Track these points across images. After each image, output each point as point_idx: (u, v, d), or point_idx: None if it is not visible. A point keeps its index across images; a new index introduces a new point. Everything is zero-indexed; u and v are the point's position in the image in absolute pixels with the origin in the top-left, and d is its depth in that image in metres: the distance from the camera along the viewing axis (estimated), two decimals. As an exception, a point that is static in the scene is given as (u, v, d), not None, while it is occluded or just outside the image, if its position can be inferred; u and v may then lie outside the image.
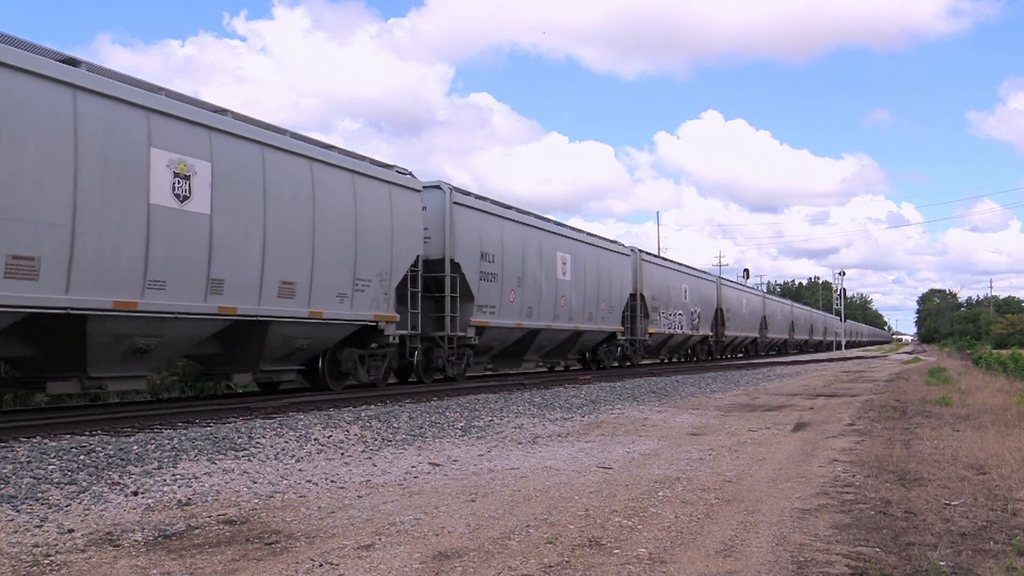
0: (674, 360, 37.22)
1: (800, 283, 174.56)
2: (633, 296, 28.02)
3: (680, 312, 33.04)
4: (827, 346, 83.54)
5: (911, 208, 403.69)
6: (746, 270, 77.78)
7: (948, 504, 6.14)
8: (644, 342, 29.24)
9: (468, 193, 18.32)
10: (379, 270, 14.81)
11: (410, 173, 16.19)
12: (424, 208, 16.56)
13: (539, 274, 20.67)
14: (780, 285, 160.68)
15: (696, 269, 37.51)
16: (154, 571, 4.37)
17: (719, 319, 39.74)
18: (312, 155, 13.27)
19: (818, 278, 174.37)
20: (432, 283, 16.96)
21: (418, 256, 16.12)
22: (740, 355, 48.18)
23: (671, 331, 31.92)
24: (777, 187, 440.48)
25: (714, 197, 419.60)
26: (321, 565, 4.48)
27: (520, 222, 20.25)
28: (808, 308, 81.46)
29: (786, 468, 7.94)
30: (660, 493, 6.57)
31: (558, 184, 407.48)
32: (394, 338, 15.43)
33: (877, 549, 4.88)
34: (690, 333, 34.42)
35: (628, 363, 28.70)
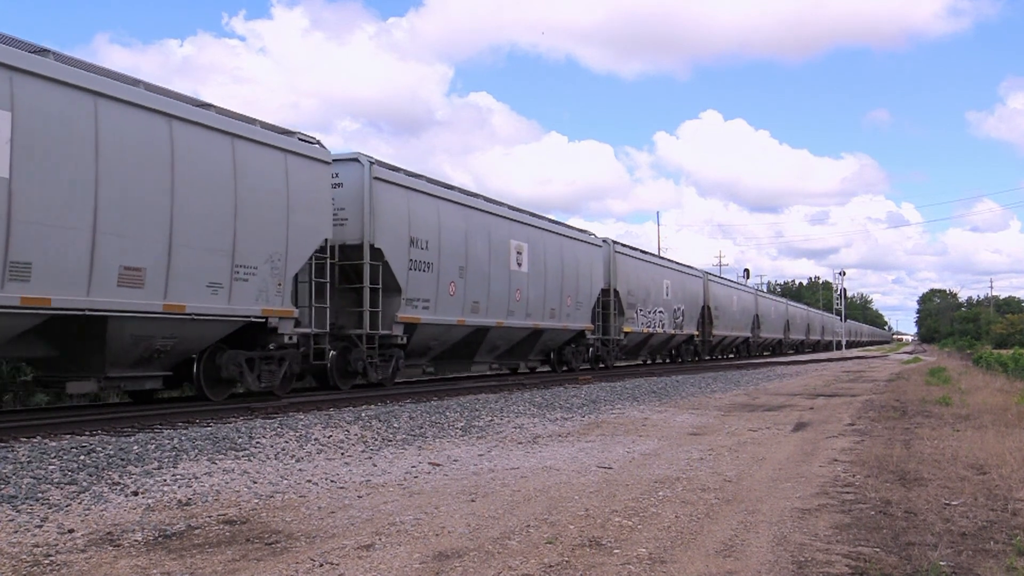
0: (657, 361, 34.81)
1: (800, 283, 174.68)
2: (606, 291, 25.54)
3: (661, 309, 30.47)
4: (825, 346, 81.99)
5: (911, 208, 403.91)
6: (746, 270, 77.76)
7: (948, 504, 6.14)
8: (619, 342, 26.61)
9: (397, 169, 15.80)
10: (269, 255, 12.13)
11: (317, 142, 13.49)
12: (340, 185, 14.46)
13: (487, 264, 18.16)
14: (780, 285, 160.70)
15: (680, 264, 35.09)
16: (154, 571, 4.37)
17: (706, 317, 37.27)
18: (173, 112, 10.72)
19: (818, 278, 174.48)
20: (353, 273, 14.76)
21: (327, 240, 13.60)
22: (731, 355, 46.00)
23: (651, 330, 29.28)
24: (777, 187, 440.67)
25: (714, 197, 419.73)
26: (321, 565, 4.49)
27: (463, 204, 17.60)
28: (805, 307, 78.94)
29: (786, 468, 7.94)
30: (660, 493, 6.57)
31: (558, 184, 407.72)
32: (291, 337, 12.77)
33: (877, 549, 4.88)
34: (672, 332, 31.90)
35: (602, 365, 26.20)
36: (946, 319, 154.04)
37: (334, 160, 14.07)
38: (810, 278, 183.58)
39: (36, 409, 11.83)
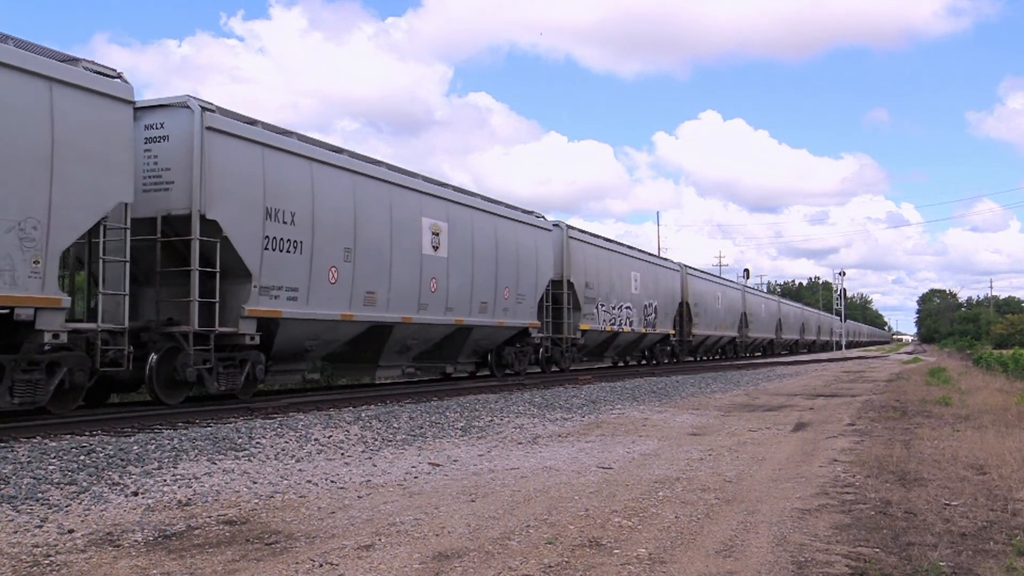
0: (631, 363, 31.68)
1: (800, 283, 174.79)
2: (557, 283, 22.25)
3: (628, 305, 26.97)
4: (822, 346, 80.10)
5: (911, 208, 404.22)
6: (746, 270, 77.65)
7: (948, 504, 6.15)
8: (574, 342, 23.26)
9: (254, 121, 12.47)
10: (16, 221, 9.08)
11: (118, 76, 10.41)
12: (164, 138, 11.31)
13: (388, 246, 14.85)
14: (780, 285, 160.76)
15: (652, 255, 31.78)
16: (154, 571, 4.37)
17: (685, 315, 33.97)
18: None
19: (818, 278, 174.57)
20: (186, 252, 11.33)
21: (126, 206, 10.40)
22: (717, 356, 43.03)
23: (616, 328, 25.91)
24: (776, 187, 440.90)
25: (713, 197, 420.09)
26: (321, 565, 4.49)
27: (350, 169, 14.12)
28: (800, 306, 75.60)
29: (786, 468, 7.94)
30: (660, 493, 6.57)
31: (557, 184, 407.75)
32: (56, 335, 9.56)
33: (877, 549, 4.88)
34: (643, 331, 28.41)
35: (556, 367, 22.88)
36: (946, 319, 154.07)
37: (158, 105, 11.31)
38: (810, 278, 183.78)
39: (36, 410, 11.80)
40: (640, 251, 30.13)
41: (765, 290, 79.78)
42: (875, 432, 10.83)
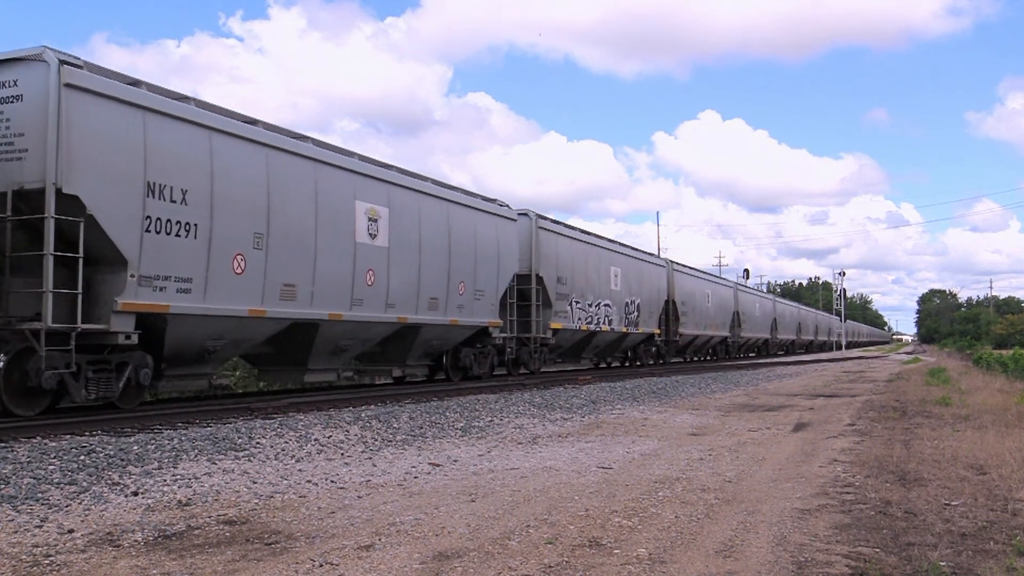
0: (613, 365, 29.93)
1: (800, 283, 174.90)
2: (525, 278, 20.65)
3: (608, 303, 25.21)
4: (820, 346, 78.74)
5: (911, 208, 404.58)
6: (746, 270, 77.75)
7: (948, 504, 6.15)
8: (545, 342, 21.48)
9: (137, 83, 10.61)
10: None
11: None
12: (17, 98, 9.65)
13: (312, 232, 12.95)
14: (780, 285, 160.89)
15: (635, 249, 29.49)
16: (154, 571, 4.37)
17: (671, 314, 32.29)
18: None
19: (818, 278, 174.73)
20: (36, 234, 9.62)
21: None
22: (708, 357, 41.47)
23: (593, 327, 24.16)
24: (776, 187, 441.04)
25: (713, 197, 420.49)
26: (321, 565, 4.49)
27: (264, 143, 12.15)
28: (796, 305, 73.64)
29: (786, 468, 7.94)
30: (660, 493, 6.57)
31: (557, 184, 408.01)
32: None
33: (877, 549, 4.88)
34: (624, 330, 26.67)
35: (524, 370, 21.17)
36: (946, 319, 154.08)
37: (11, 59, 9.72)
38: (810, 278, 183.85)
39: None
40: (621, 245, 28.01)
41: (765, 290, 79.40)
42: (875, 432, 10.83)
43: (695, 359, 39.63)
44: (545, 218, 22.07)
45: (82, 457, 7.22)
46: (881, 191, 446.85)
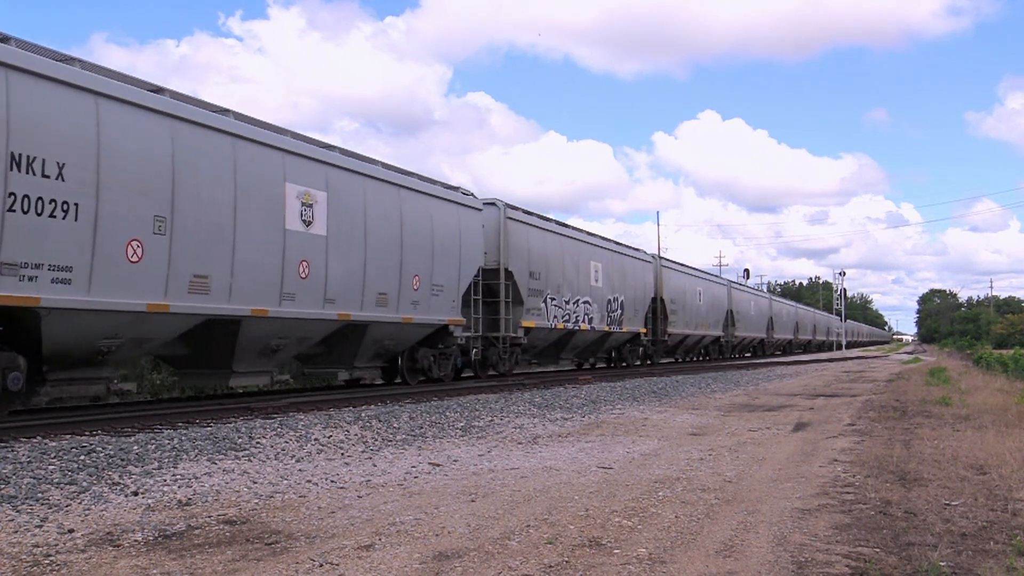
0: (598, 366, 28.35)
1: (800, 283, 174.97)
2: (493, 272, 19.17)
3: (587, 300, 23.77)
4: (817, 346, 77.55)
5: (910, 208, 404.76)
6: (746, 270, 77.66)
7: (948, 504, 6.14)
8: (516, 341, 19.97)
9: (7, 39, 9.27)
10: None
11: None
12: None
13: (229, 215, 11.43)
14: (780, 285, 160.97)
15: (618, 244, 27.69)
16: (154, 571, 4.37)
17: (659, 312, 30.73)
18: None
19: (818, 278, 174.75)
20: None
21: None
22: (700, 358, 39.98)
23: (571, 325, 22.78)
24: (776, 187, 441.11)
25: (713, 197, 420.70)
26: (321, 565, 4.49)
27: (168, 113, 10.74)
28: (794, 304, 72.40)
29: (786, 468, 7.94)
30: (660, 493, 6.57)
31: (557, 184, 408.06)
32: None
33: (877, 549, 4.88)
34: (607, 329, 25.30)
35: (493, 371, 19.71)
36: (946, 319, 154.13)
37: None
38: (810, 278, 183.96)
39: (36, 409, 11.82)
40: (603, 239, 26.44)
41: (765, 290, 79.14)
42: (875, 432, 10.83)
43: (688, 359, 38.33)
44: (515, 208, 20.39)
45: (82, 457, 7.23)
46: (881, 191, 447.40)
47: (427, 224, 16.22)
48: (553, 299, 21.76)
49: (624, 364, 28.65)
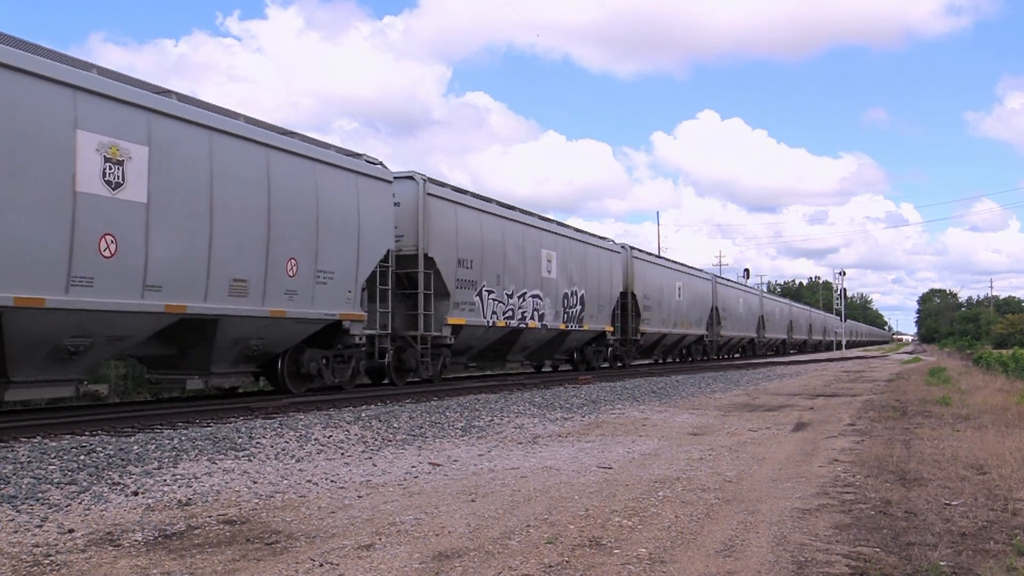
0: (560, 368, 25.20)
1: (800, 283, 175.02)
2: (408, 259, 16.14)
3: (537, 294, 20.72)
4: (814, 346, 75.83)
5: (910, 208, 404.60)
6: (746, 270, 77.66)
7: (948, 504, 6.15)
8: (439, 341, 16.94)
9: None
10: None
11: None
12: None
13: (40, 181, 9.11)
14: (780, 285, 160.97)
15: (578, 231, 24.38)
16: (154, 571, 4.37)
17: (630, 309, 27.76)
18: None
19: (818, 278, 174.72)
20: None
21: None
22: (682, 359, 36.98)
23: (516, 323, 19.60)
24: (775, 187, 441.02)
25: (712, 197, 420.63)
26: (321, 565, 4.49)
27: None
28: (788, 302, 68.93)
29: (786, 468, 7.94)
30: (660, 493, 6.58)
31: (556, 183, 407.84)
32: None
33: (877, 549, 4.88)
34: (562, 327, 22.09)
35: (413, 378, 16.87)
36: (946, 319, 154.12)
37: None
38: (810, 278, 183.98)
39: (36, 409, 11.83)
40: (560, 224, 23.31)
41: (765, 289, 78.82)
42: (875, 432, 10.84)
43: (665, 360, 35.54)
44: (440, 183, 17.17)
45: (82, 457, 7.23)
46: (881, 191, 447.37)
47: (310, 195, 13.04)
48: (491, 292, 18.57)
49: (587, 366, 25.33)
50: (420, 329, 16.24)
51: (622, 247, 27.84)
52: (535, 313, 20.73)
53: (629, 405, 14.76)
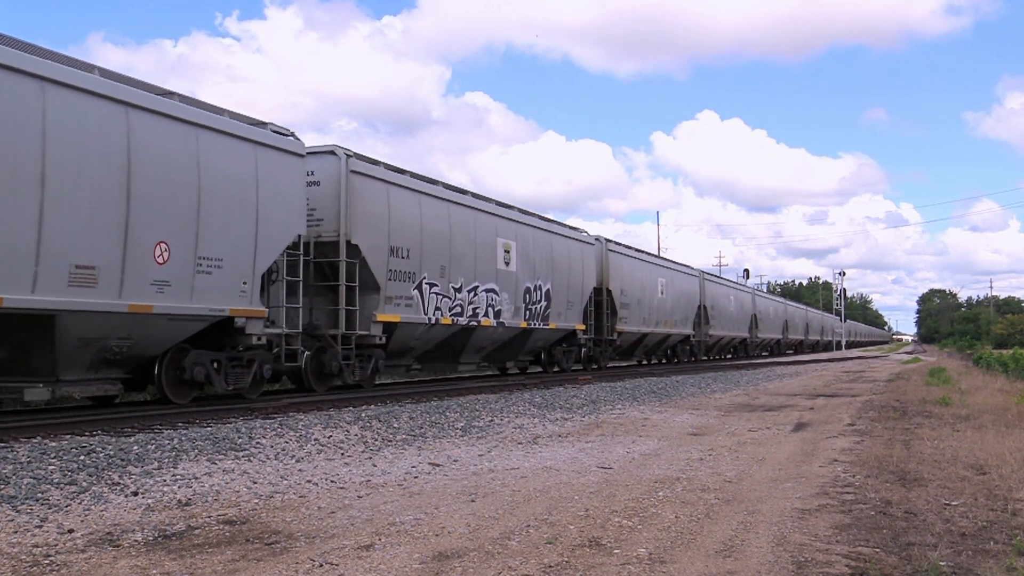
0: (530, 370, 23.36)
1: (800, 283, 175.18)
2: (329, 246, 14.10)
3: (492, 288, 18.48)
4: (811, 346, 74.69)
5: (910, 208, 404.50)
6: (746, 270, 77.74)
7: (948, 504, 6.15)
8: (366, 340, 14.78)
9: None
10: None
11: None
12: None
13: None
14: (780, 285, 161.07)
15: (544, 218, 22.23)
16: (154, 571, 4.37)
17: (605, 306, 25.69)
18: None
19: (818, 278, 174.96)
20: None
21: None
22: (667, 360, 34.69)
23: (466, 320, 17.39)
24: (775, 187, 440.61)
25: (712, 197, 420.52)
26: (321, 565, 4.49)
27: None
28: (783, 300, 67.30)
29: (786, 468, 7.94)
30: (660, 493, 6.58)
31: (556, 184, 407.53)
32: None
33: (877, 549, 4.88)
34: (523, 325, 19.94)
35: (338, 381, 14.61)
36: (946, 319, 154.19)
37: None
38: (810, 278, 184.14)
39: (36, 410, 11.83)
40: (522, 212, 20.88)
41: (765, 289, 78.55)
42: (875, 432, 10.84)
43: (657, 362, 33.69)
44: (370, 160, 15.03)
45: (82, 457, 7.22)
46: (880, 191, 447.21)
47: (189, 167, 10.92)
48: (434, 285, 16.33)
49: (557, 368, 23.27)
50: (341, 327, 14.12)
51: (596, 239, 25.80)
52: (490, 309, 18.49)
53: (629, 405, 14.76)
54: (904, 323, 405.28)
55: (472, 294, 17.74)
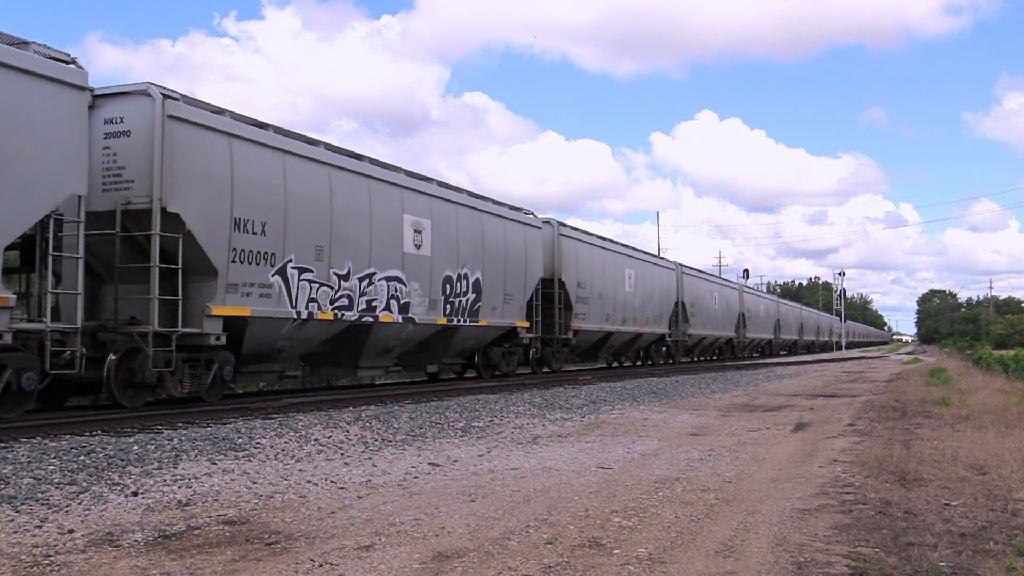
0: (467, 375, 19.93)
1: (800, 283, 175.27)
2: (145, 215, 10.71)
3: (397, 275, 15.17)
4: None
5: (909, 208, 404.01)
6: (746, 270, 77.58)
7: (948, 504, 6.15)
8: (199, 343, 11.36)
9: None
10: None
11: None
12: None
13: None
14: (780, 285, 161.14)
15: (478, 196, 18.78)
16: (154, 571, 4.37)
17: (557, 300, 21.91)
18: None
19: (818, 278, 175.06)
20: None
21: None
22: (643, 362, 31.12)
23: (352, 315, 13.96)
24: (774, 187, 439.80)
25: (711, 197, 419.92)
26: (321, 565, 4.49)
27: None
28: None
29: (786, 468, 7.94)
30: (660, 493, 6.58)
31: (555, 183, 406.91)
32: None
33: (877, 549, 4.88)
34: (442, 322, 16.56)
35: (163, 395, 11.42)
36: (946, 320, 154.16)
37: None
38: (809, 278, 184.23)
39: (36, 410, 11.82)
40: (441, 185, 17.31)
41: (765, 289, 78.32)
42: (875, 432, 10.84)
43: (621, 364, 30.25)
44: (208, 107, 11.75)
45: (82, 457, 7.22)
46: (880, 191, 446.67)
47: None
48: (306, 271, 12.98)
49: (498, 373, 19.77)
50: (153, 324, 10.59)
51: (546, 221, 22.03)
52: (393, 302, 15.09)
53: (629, 405, 14.76)
54: (904, 323, 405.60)
55: (366, 283, 14.40)
